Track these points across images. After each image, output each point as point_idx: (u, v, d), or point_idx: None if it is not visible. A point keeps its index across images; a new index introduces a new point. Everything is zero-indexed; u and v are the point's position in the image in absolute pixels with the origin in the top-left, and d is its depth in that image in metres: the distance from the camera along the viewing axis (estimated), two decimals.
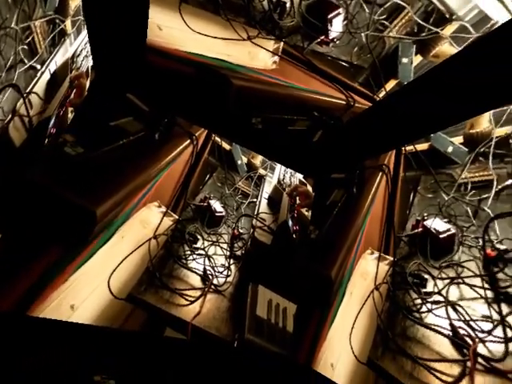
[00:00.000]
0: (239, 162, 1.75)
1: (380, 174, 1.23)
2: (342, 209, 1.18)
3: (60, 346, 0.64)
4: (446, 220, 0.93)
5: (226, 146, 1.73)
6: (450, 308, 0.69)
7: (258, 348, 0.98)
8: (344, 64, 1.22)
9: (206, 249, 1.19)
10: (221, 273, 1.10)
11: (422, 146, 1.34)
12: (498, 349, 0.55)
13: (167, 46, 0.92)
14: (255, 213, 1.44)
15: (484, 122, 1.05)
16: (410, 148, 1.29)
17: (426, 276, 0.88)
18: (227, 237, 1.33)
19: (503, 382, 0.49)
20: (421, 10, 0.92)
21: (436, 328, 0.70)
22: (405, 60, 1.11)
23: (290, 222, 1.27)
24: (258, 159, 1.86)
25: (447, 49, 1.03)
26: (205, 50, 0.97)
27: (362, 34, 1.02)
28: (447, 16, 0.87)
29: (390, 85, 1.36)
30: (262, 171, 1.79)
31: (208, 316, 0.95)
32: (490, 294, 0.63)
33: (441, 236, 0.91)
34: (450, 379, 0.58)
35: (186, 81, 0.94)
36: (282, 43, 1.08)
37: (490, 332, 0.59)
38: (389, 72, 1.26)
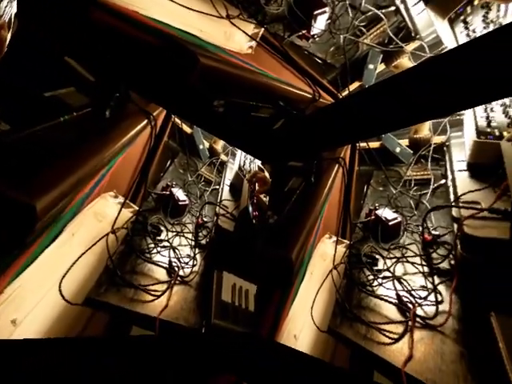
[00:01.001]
0: (201, 147, 1.65)
1: (337, 166, 1.36)
2: (301, 196, 1.27)
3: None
4: (393, 210, 1.13)
5: (187, 129, 1.61)
6: (396, 281, 0.87)
7: (225, 330, 1.03)
8: (318, 60, 1.27)
9: (171, 240, 1.14)
10: (186, 263, 1.08)
11: (374, 144, 1.55)
12: (431, 310, 0.74)
13: (123, 6, 0.77)
14: (218, 200, 1.43)
15: (425, 130, 1.28)
16: (363, 145, 1.47)
17: (377, 256, 1.06)
18: (191, 226, 1.29)
19: (434, 333, 0.67)
20: (394, 25, 1.03)
21: (385, 298, 0.88)
22: (371, 66, 1.23)
23: (250, 208, 1.31)
24: (220, 144, 1.79)
25: (406, 62, 1.18)
26: (173, 20, 0.85)
27: (341, 36, 1.07)
28: (413, 34, 0.99)
29: (354, 86, 1.50)
30: (223, 157, 1.74)
31: (176, 308, 0.93)
32: (426, 269, 0.83)
33: (389, 223, 1.09)
34: (395, 336, 0.74)
35: (143, 50, 0.81)
36: (263, 29, 1.04)
37: (425, 298, 0.76)
38: (355, 74, 1.38)
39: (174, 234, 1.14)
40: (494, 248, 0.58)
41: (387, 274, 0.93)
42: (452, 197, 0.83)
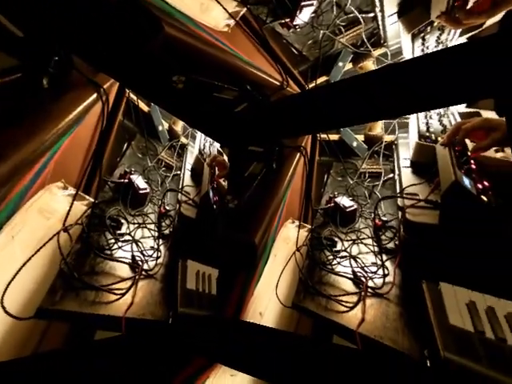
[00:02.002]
0: (160, 128, 1.49)
1: (298, 154, 1.45)
2: (263, 181, 1.32)
3: None
4: (350, 198, 1.29)
5: (144, 107, 1.41)
6: (352, 260, 1.03)
7: (192, 318, 1.05)
8: (294, 51, 1.27)
9: (133, 233, 1.04)
10: (150, 256, 1.02)
11: (334, 137, 1.69)
12: (379, 282, 0.91)
13: None
14: (180, 187, 1.37)
15: (378, 128, 1.47)
16: (324, 136, 1.59)
17: (336, 239, 1.21)
18: (154, 216, 1.20)
19: (381, 300, 0.84)
20: (369, 30, 1.10)
21: (342, 274, 1.03)
22: (340, 64, 1.31)
23: (211, 193, 1.30)
24: (180, 125, 1.65)
25: (370, 65, 1.29)
26: None
27: (321, 31, 1.08)
28: (382, 41, 1.09)
29: (320, 79, 1.57)
30: (184, 139, 1.63)
31: (142, 304, 0.89)
32: (376, 249, 1.00)
33: (347, 210, 1.25)
34: (351, 305, 0.89)
35: (94, 5, 0.66)
36: (245, 9, 0.96)
37: (375, 272, 0.93)
38: (324, 70, 1.45)
39: (136, 226, 1.03)
40: (427, 231, 0.75)
41: (344, 253, 1.09)
42: (398, 189, 1.01)
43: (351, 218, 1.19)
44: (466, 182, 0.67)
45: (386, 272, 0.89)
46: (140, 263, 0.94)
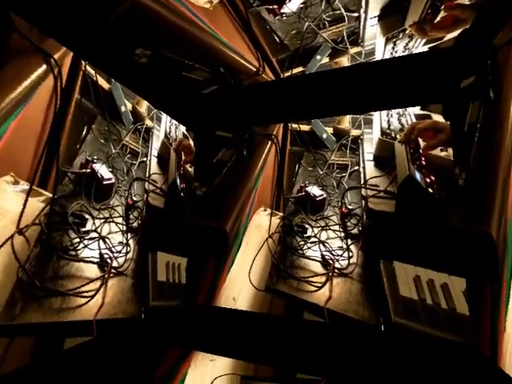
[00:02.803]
0: (123, 109, 1.32)
1: (270, 142, 1.49)
2: (233, 168, 1.31)
3: None
4: (320, 188, 1.39)
5: (104, 84, 1.21)
6: (321, 245, 1.13)
7: (163, 310, 1.04)
8: (276, 39, 1.24)
9: (99, 229, 0.95)
10: (119, 252, 0.97)
11: (305, 128, 1.76)
12: (345, 263, 1.03)
13: None
14: (147, 175, 1.26)
15: (346, 122, 1.57)
16: (295, 126, 1.64)
17: (307, 226, 1.31)
18: (121, 208, 1.10)
19: (346, 279, 0.96)
20: (350, 29, 1.13)
21: (312, 258, 1.13)
22: (318, 57, 1.34)
23: (178, 180, 1.26)
24: (144, 106, 1.49)
25: (344, 61, 1.34)
26: None
27: (306, 23, 1.07)
28: (359, 41, 1.14)
29: (296, 70, 1.58)
30: (148, 122, 1.49)
31: (113, 303, 0.85)
32: (343, 234, 1.11)
33: (317, 199, 1.34)
34: (320, 284, 0.99)
35: None
36: None
37: (341, 255, 1.04)
38: (301, 61, 1.45)
39: (102, 221, 0.93)
40: (386, 218, 0.87)
41: (314, 239, 1.19)
42: (362, 180, 1.12)
43: (321, 206, 1.29)
44: (418, 176, 0.79)
45: (351, 254, 1.02)
46: (109, 261, 0.87)
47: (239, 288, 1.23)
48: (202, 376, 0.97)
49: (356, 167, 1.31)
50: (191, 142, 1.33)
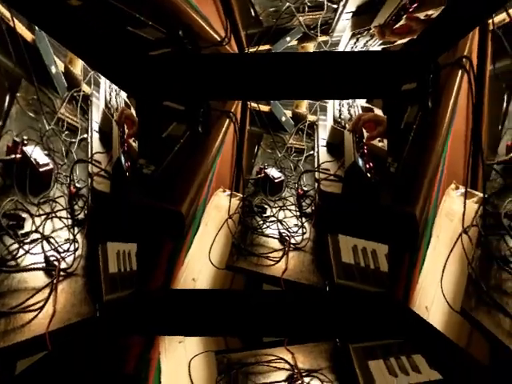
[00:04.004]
0: (54, 70, 1.03)
1: (227, 121, 1.44)
2: (188, 146, 1.25)
3: None
4: (279, 170, 1.48)
5: (26, 34, 0.89)
6: (279, 223, 1.26)
7: (118, 302, 1.02)
8: (252, 12, 1.16)
9: (41, 228, 0.78)
10: (67, 251, 0.85)
11: (265, 108, 1.78)
12: (299, 238, 1.18)
13: None
14: (89, 155, 1.11)
15: (303, 107, 1.66)
16: (254, 105, 1.65)
17: (266, 206, 1.42)
18: (64, 199, 0.94)
19: (300, 252, 1.12)
20: (326, 18, 1.13)
21: (270, 235, 1.24)
22: (288, 39, 1.33)
23: (123, 158, 1.16)
24: (79, 66, 1.23)
25: (310, 47, 1.35)
26: None
27: (287, 3, 1.04)
28: (330, 31, 1.17)
29: (263, 47, 1.53)
30: (86, 88, 1.27)
31: (66, 309, 0.79)
32: (298, 213, 1.25)
33: (275, 180, 1.41)
34: (277, 259, 1.12)
35: None
36: None
37: (296, 232, 1.14)
38: (271, 40, 1.41)
39: (44, 217, 0.77)
40: (334, 199, 1.03)
41: (273, 218, 1.31)
42: (316, 164, 1.26)
43: (279, 187, 1.38)
44: (360, 162, 0.95)
45: (305, 231, 1.18)
46: (56, 264, 0.76)
47: (199, 269, 1.26)
48: (176, 360, 0.99)
49: (311, 152, 1.45)
50: (134, 112, 1.18)
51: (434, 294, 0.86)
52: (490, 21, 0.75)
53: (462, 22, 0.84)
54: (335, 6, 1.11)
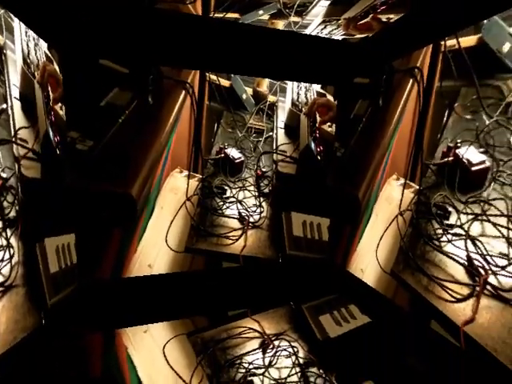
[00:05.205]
0: None
1: (183, 92, 1.37)
2: (136, 118, 1.19)
3: None
4: (239, 151, 1.56)
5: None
6: (238, 204, 1.39)
7: (64, 302, 1.00)
8: None
9: None
10: (1, 261, 0.77)
11: (225, 83, 1.79)
12: (258, 217, 1.34)
13: None
14: (13, 136, 0.98)
15: (264, 86, 1.74)
16: (214, 78, 1.65)
17: (226, 187, 1.53)
18: None
19: (258, 230, 1.29)
20: (304, 0, 1.16)
21: (230, 216, 1.37)
22: (261, 12, 1.30)
23: (51, 132, 1.14)
24: None
25: (280, 24, 1.36)
26: None
27: None
28: (304, 13, 1.21)
29: (230, 15, 1.50)
30: None
31: (9, 328, 0.76)
32: (257, 193, 1.41)
33: (236, 161, 1.50)
34: (236, 237, 1.27)
35: None
36: None
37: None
38: (243, 9, 1.38)
39: None
40: (289, 179, 1.21)
41: (232, 199, 1.43)
42: (274, 146, 1.41)
43: (239, 168, 1.47)
44: (313, 146, 1.14)
45: (262, 210, 1.34)
46: None
47: (155, 254, 1.28)
48: (147, 350, 1.00)
49: (270, 133, 1.58)
50: (57, 68, 1.01)
51: (369, 259, 1.17)
52: (443, 43, 0.94)
53: (416, 35, 0.99)
54: None
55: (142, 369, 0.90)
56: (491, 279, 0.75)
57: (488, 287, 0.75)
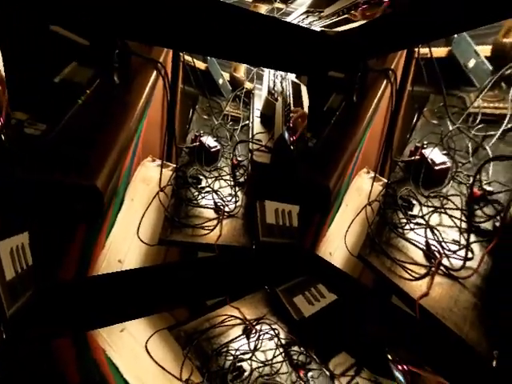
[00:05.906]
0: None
1: (154, 72, 1.26)
2: (98, 98, 1.08)
3: None
4: (215, 139, 1.56)
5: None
6: (214, 193, 1.43)
7: (26, 307, 0.95)
8: None
9: None
10: None
11: (201, 65, 1.67)
12: (233, 207, 1.41)
13: None
14: None
15: (241, 72, 1.74)
16: (188, 59, 1.44)
17: (201, 177, 1.56)
18: None
19: (233, 219, 1.36)
20: None
21: (205, 206, 1.41)
22: None
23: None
24: None
25: (262, 8, 1.32)
26: None
27: None
28: (290, 1, 1.20)
29: None
30: None
31: None
32: (232, 183, 1.46)
33: (211, 150, 1.50)
34: (211, 227, 1.33)
35: None
36: None
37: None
38: None
39: None
40: (264, 168, 1.29)
41: (208, 189, 1.48)
42: (250, 134, 1.46)
43: (215, 157, 1.47)
44: (286, 136, 1.22)
45: (238, 199, 1.39)
46: None
47: (126, 248, 1.25)
48: (127, 349, 0.97)
49: (246, 121, 1.62)
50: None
51: (338, 244, 1.31)
52: (417, 49, 1.04)
53: (392, 37, 1.05)
54: None
55: (127, 369, 0.88)
56: (444, 261, 0.92)
57: (442, 268, 0.91)
